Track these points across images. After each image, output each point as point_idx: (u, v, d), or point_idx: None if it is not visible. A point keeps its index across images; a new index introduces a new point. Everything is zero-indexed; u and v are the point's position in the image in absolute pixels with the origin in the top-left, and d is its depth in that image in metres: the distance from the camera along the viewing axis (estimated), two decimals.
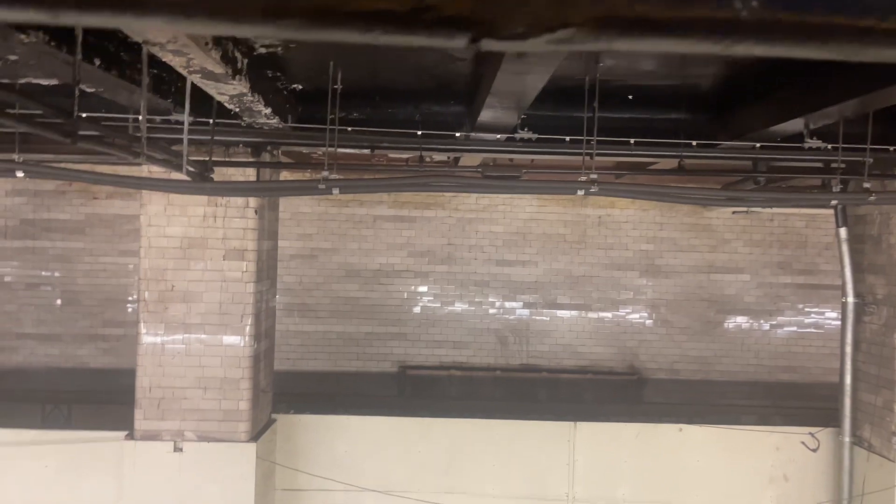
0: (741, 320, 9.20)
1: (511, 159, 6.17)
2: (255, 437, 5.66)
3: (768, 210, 8.42)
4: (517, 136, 5.12)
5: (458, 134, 5.19)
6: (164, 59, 3.31)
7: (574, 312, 9.06)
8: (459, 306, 9.01)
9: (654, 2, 0.74)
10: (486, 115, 4.54)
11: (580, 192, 4.49)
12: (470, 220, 8.99)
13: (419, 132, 5.09)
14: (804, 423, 6.54)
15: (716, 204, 7.61)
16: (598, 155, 4.69)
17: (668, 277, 9.13)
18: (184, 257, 5.53)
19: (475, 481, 6.37)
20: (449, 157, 6.32)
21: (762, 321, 9.21)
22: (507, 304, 9.03)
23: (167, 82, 4.51)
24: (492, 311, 9.02)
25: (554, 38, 0.72)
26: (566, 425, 6.48)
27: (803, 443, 6.42)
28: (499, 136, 5.11)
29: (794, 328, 9.21)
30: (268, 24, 0.73)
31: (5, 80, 3.76)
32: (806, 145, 4.98)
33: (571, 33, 0.73)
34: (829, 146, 4.96)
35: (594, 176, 4.38)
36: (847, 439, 6.13)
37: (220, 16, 0.72)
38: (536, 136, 5.11)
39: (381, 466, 6.35)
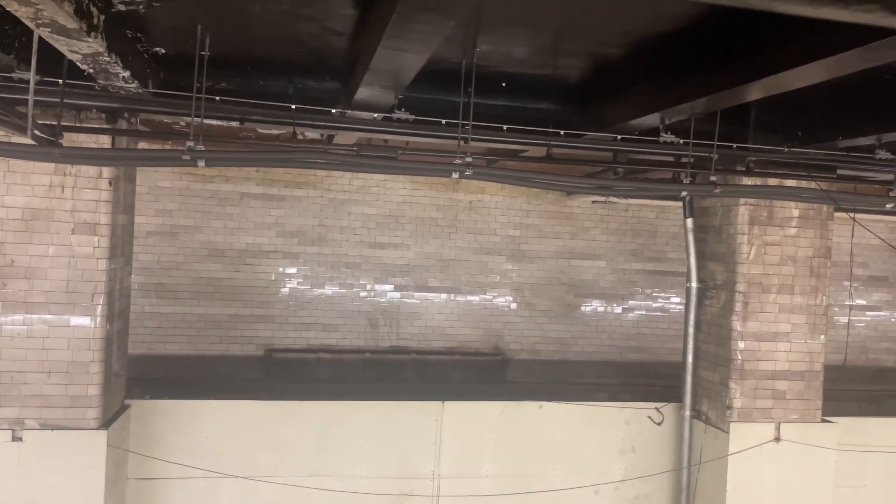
0: (597, 304, 9.76)
1: (386, 140, 6.15)
2: (105, 423, 5.30)
3: (624, 201, 8.97)
4: (394, 116, 5.10)
5: (333, 111, 5.10)
6: (8, 9, 2.98)
7: (444, 295, 9.22)
8: (330, 289, 8.89)
9: None
10: (363, 93, 4.49)
11: (455, 175, 4.56)
12: (342, 201, 8.87)
13: (293, 106, 4.95)
14: (651, 399, 7.06)
15: (581, 192, 8.00)
16: (472, 140, 4.78)
17: (532, 262, 9.51)
18: (26, 230, 5.05)
19: (343, 463, 6.33)
20: (323, 135, 6.20)
21: (615, 305, 9.82)
22: (379, 287, 9.03)
23: (10, 36, 4.10)
24: (363, 293, 8.98)
25: None
26: (434, 405, 6.59)
27: (650, 417, 6.93)
28: (375, 115, 5.07)
29: (643, 311, 9.90)
30: None
31: None
32: (661, 139, 5.35)
33: None
34: (681, 141, 5.35)
35: (469, 159, 4.46)
36: (688, 413, 6.69)
37: None
38: (413, 117, 5.12)
39: (245, 452, 6.16)
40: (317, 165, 5.05)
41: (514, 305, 9.48)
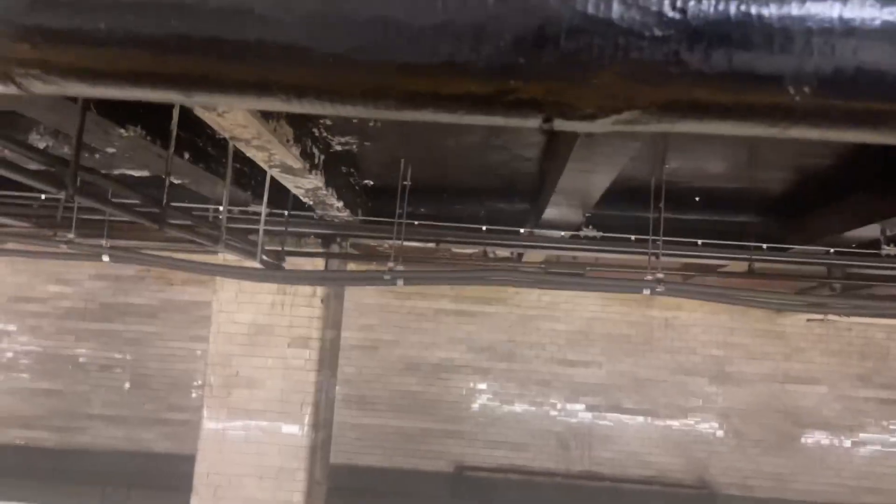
0: (820, 435, 8.64)
1: (575, 257, 6.17)
2: None
3: (846, 319, 8.06)
4: (581, 233, 5.14)
5: (522, 230, 5.26)
6: (247, 154, 3.53)
7: (640, 418, 8.71)
8: (519, 406, 8.80)
9: (712, 87, 0.78)
10: (550, 213, 4.60)
11: (646, 292, 4.43)
12: (532, 317, 8.92)
13: (484, 227, 5.18)
14: None
15: (791, 308, 7.35)
16: (663, 255, 4.65)
17: (739, 386, 8.74)
18: (250, 343, 5.66)
19: None
20: (513, 253, 6.37)
21: (843, 437, 8.62)
22: (569, 406, 8.77)
23: (247, 175, 4.79)
24: (553, 412, 8.77)
25: (620, 119, 0.77)
26: None
27: None
28: (563, 233, 5.15)
29: (878, 446, 8.58)
30: (368, 105, 0.80)
31: (103, 171, 4.07)
32: (883, 252, 4.82)
33: (636, 115, 0.77)
34: None
35: (660, 275, 4.33)
36: None
37: (329, 96, 0.79)
38: (601, 234, 5.12)
39: None
40: (506, 283, 5.18)
41: (720, 433, 8.69)
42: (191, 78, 0.84)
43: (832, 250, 5.08)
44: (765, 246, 5.10)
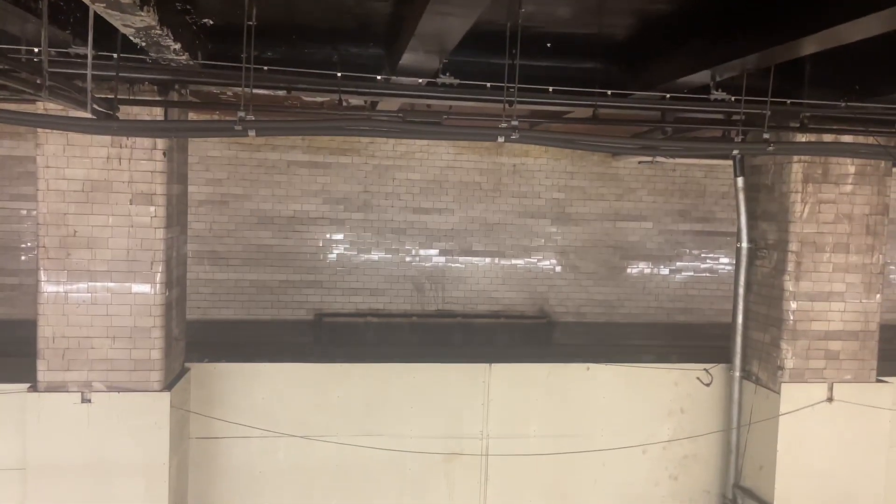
0: (643, 265, 9.68)
1: (429, 105, 6.14)
2: (168, 385, 5.54)
3: (672, 161, 8.82)
4: (439, 80, 5.09)
5: (378, 77, 5.11)
6: None
7: (488, 259, 9.26)
8: (376, 254, 9.01)
9: None
10: (408, 59, 4.49)
11: (501, 139, 4.55)
12: (387, 167, 8.93)
13: (339, 74, 4.98)
14: (699, 360, 7.03)
15: (629, 152, 7.88)
16: (518, 103, 4.75)
17: (577, 225, 9.45)
18: (87, 201, 5.24)
19: (393, 424, 6.50)
20: (366, 102, 6.22)
21: (662, 266, 9.72)
22: (424, 252, 9.11)
23: (66, 12, 4.20)
24: (408, 258, 9.08)
25: None
26: (481, 367, 6.69)
27: (698, 378, 6.91)
28: (420, 80, 5.07)
29: (691, 273, 9.79)
30: None
31: None
32: (711, 97, 5.23)
33: None
34: (733, 98, 5.22)
35: (515, 123, 4.44)
36: (737, 374, 6.65)
37: None
38: (458, 81, 5.10)
39: (299, 412, 6.37)
40: (367, 133, 5.09)
41: (559, 268, 9.48)
42: None
43: (668, 96, 5.43)
44: (609, 93, 5.35)
